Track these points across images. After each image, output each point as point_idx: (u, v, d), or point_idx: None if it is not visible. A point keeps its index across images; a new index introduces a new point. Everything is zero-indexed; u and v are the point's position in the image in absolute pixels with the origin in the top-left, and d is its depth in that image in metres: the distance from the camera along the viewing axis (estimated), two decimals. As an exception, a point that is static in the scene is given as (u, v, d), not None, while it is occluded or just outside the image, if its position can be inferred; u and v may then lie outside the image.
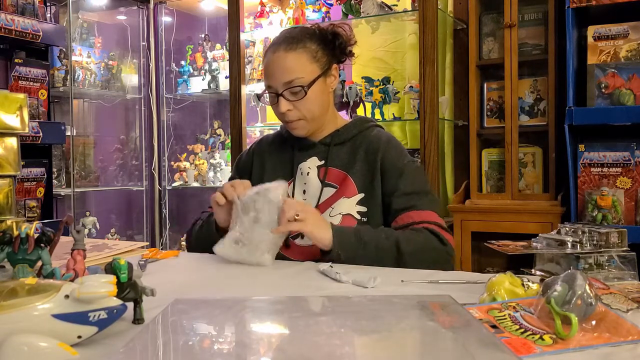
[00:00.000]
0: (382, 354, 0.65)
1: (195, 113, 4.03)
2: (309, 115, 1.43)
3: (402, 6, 2.81)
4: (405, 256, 1.27)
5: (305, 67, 1.40)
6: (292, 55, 1.40)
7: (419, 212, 1.37)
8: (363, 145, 1.47)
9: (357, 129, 1.51)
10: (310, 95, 1.41)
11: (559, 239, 1.04)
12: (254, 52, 3.28)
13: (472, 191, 2.70)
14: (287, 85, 1.40)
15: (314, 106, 1.43)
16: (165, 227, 3.93)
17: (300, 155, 1.50)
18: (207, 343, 0.68)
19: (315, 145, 1.50)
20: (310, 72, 1.41)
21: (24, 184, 2.79)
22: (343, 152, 1.48)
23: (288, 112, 1.42)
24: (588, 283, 0.73)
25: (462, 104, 2.90)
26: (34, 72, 2.88)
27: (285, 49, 1.41)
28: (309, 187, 1.46)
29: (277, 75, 1.41)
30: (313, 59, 1.42)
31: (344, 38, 1.47)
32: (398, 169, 1.42)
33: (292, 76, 1.39)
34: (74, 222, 3.21)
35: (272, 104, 1.46)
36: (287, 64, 1.40)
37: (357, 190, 1.42)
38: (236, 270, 1.25)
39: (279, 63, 1.41)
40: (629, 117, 2.16)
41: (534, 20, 2.68)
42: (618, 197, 2.24)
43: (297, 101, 1.41)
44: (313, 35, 1.44)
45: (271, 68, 1.43)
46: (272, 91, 1.43)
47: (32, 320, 0.67)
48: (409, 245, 1.29)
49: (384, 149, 1.44)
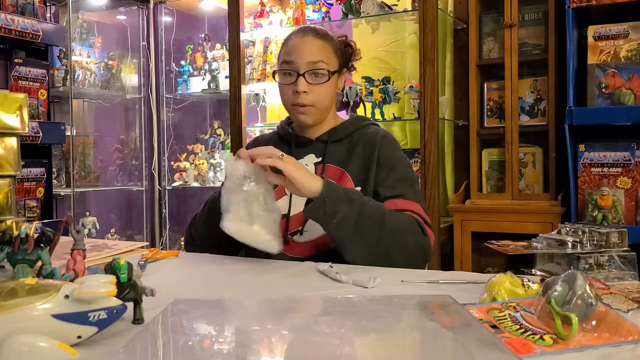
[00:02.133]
0: (382, 354, 0.65)
1: (195, 113, 4.03)
2: (320, 103, 1.45)
3: (402, 6, 2.81)
4: (387, 229, 1.26)
5: (330, 57, 1.46)
6: (321, 43, 1.46)
7: (405, 202, 1.38)
8: (360, 142, 1.48)
9: (354, 126, 1.52)
10: (329, 83, 1.45)
11: (559, 239, 1.04)
12: (254, 52, 3.28)
13: (472, 191, 2.70)
14: (311, 65, 1.42)
15: (327, 95, 1.46)
16: (165, 227, 3.93)
17: (298, 152, 1.51)
18: (207, 343, 0.68)
19: (313, 142, 1.51)
20: (333, 63, 1.47)
21: (23, 184, 2.79)
22: (340, 149, 1.49)
23: (303, 94, 1.43)
24: (588, 283, 0.73)
25: (462, 104, 2.90)
26: (33, 72, 2.88)
27: (315, 35, 1.47)
28: None
29: (304, 53, 1.43)
30: (335, 53, 1.48)
31: (354, 50, 1.55)
32: (391, 161, 1.44)
33: (319, 58, 1.43)
34: (74, 222, 3.21)
35: (286, 82, 1.46)
36: (317, 47, 1.45)
37: (353, 185, 1.43)
38: (236, 270, 1.25)
39: (307, 43, 1.45)
40: (629, 117, 2.16)
41: (534, 20, 2.68)
42: (618, 197, 2.24)
43: (315, 85, 1.43)
44: (333, 37, 1.52)
45: (298, 47, 1.45)
46: (291, 68, 1.44)
47: (32, 320, 0.67)
48: (393, 220, 1.28)
49: (379, 144, 1.46)
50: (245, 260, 1.38)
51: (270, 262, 1.32)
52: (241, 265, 1.32)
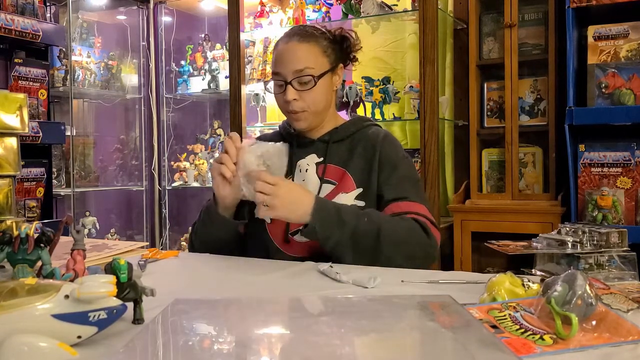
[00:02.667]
0: (382, 354, 0.65)
1: (195, 113, 4.03)
2: (313, 107, 1.45)
3: (402, 6, 2.81)
4: (386, 242, 1.28)
5: (317, 59, 1.44)
6: (305, 46, 1.44)
7: (409, 204, 1.38)
8: (362, 143, 1.49)
9: (356, 127, 1.53)
10: (318, 87, 1.43)
11: (559, 239, 1.04)
12: (254, 52, 3.28)
13: (472, 191, 2.70)
14: (297, 73, 1.42)
15: (319, 99, 1.45)
16: (165, 227, 3.93)
17: (299, 152, 1.51)
18: (207, 343, 0.68)
19: (314, 142, 1.51)
20: (321, 65, 1.44)
21: (23, 184, 2.79)
22: (342, 150, 1.49)
23: (294, 101, 1.43)
24: (588, 283, 0.73)
25: (462, 104, 2.90)
26: (33, 72, 2.88)
27: (299, 40, 1.44)
28: (308, 184, 1.46)
29: (288, 63, 1.43)
30: (324, 54, 1.46)
31: (351, 42, 1.52)
32: (393, 162, 1.44)
33: (303, 65, 1.42)
34: (74, 222, 3.21)
35: (277, 92, 1.47)
36: (300, 53, 1.43)
37: (355, 185, 1.43)
38: (236, 270, 1.25)
39: (291, 52, 1.44)
40: (629, 117, 2.16)
41: (534, 20, 2.68)
42: (618, 197, 2.24)
43: (304, 91, 1.43)
44: (324, 33, 1.49)
45: (283, 56, 1.44)
46: (280, 78, 1.45)
47: (32, 320, 0.67)
48: (392, 232, 1.29)
49: (381, 144, 1.46)
50: (245, 260, 1.38)
51: (270, 262, 1.33)
52: (241, 265, 1.32)
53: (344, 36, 1.51)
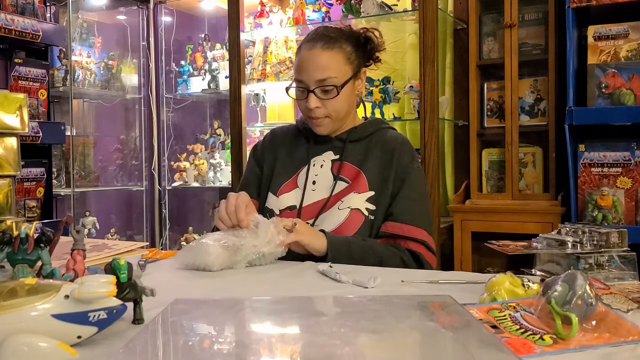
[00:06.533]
0: (382, 354, 0.65)
1: (195, 113, 4.03)
2: (334, 114, 1.45)
3: (402, 6, 2.81)
4: None
5: (340, 68, 1.43)
6: (329, 54, 1.42)
7: (411, 228, 1.40)
8: (379, 145, 1.49)
9: (374, 127, 1.54)
10: (341, 95, 1.43)
11: (559, 239, 1.04)
12: (254, 52, 3.28)
13: (472, 191, 2.70)
14: (320, 82, 1.42)
15: (341, 106, 1.45)
16: (165, 227, 3.93)
17: (316, 148, 1.53)
18: (207, 343, 0.68)
19: (332, 140, 1.52)
20: (344, 73, 1.43)
21: (23, 184, 2.79)
22: (358, 149, 1.50)
23: (316, 109, 1.43)
24: (588, 283, 0.73)
25: (462, 104, 2.90)
26: (33, 72, 2.88)
27: (323, 46, 1.42)
28: (320, 179, 1.48)
29: (311, 71, 1.42)
30: (347, 61, 1.44)
31: (375, 43, 1.50)
32: (406, 172, 1.45)
33: (327, 74, 1.41)
34: (74, 222, 3.21)
35: (299, 98, 1.47)
36: (323, 62, 1.42)
37: (368, 187, 1.44)
38: (236, 270, 1.25)
39: (314, 59, 1.42)
40: (629, 117, 2.16)
41: (534, 20, 2.68)
42: (618, 197, 2.24)
43: (326, 100, 1.43)
44: (349, 37, 1.47)
45: (306, 63, 1.43)
46: (302, 86, 1.44)
47: (32, 320, 0.67)
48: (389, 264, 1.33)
49: (399, 151, 1.47)
50: (245, 260, 1.38)
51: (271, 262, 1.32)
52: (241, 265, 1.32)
53: (369, 37, 1.49)
